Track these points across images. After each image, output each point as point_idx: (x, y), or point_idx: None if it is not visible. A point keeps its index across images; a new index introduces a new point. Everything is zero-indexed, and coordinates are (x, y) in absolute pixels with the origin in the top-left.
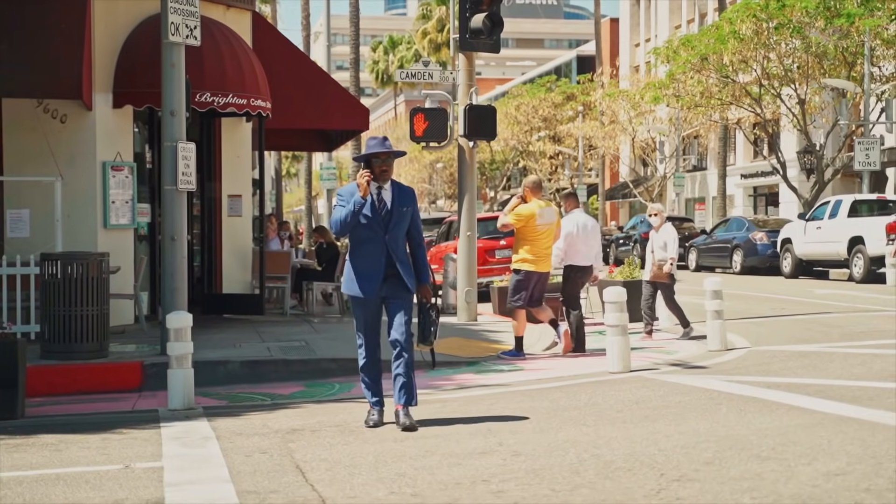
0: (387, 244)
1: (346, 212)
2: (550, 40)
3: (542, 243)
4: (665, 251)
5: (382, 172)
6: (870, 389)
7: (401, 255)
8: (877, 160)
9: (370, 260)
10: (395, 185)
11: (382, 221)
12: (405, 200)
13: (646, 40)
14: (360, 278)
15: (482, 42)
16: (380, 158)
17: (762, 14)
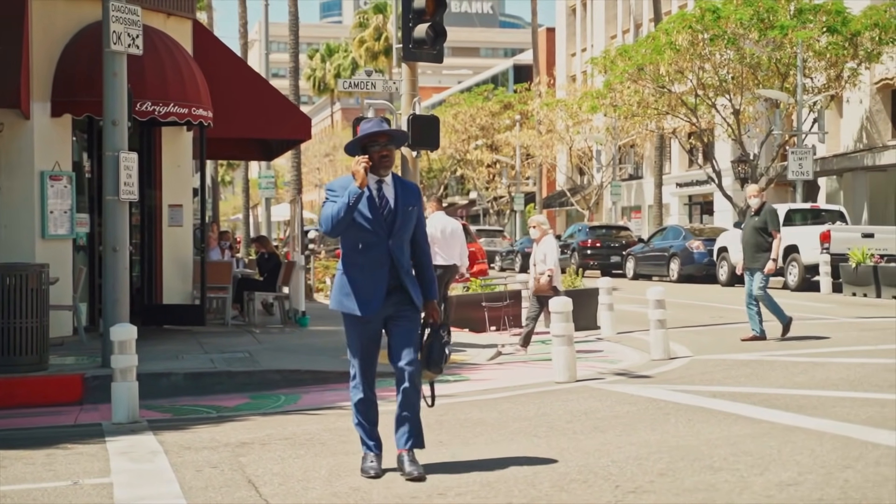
0: (391, 251)
1: (341, 205)
2: (486, 49)
3: None
4: (545, 263)
5: (383, 159)
6: (813, 398)
7: (406, 264)
8: (809, 170)
9: (370, 270)
10: (397, 180)
11: (385, 223)
12: (410, 198)
13: (582, 50)
14: (359, 292)
15: (425, 52)
16: (379, 143)
17: (697, 25)
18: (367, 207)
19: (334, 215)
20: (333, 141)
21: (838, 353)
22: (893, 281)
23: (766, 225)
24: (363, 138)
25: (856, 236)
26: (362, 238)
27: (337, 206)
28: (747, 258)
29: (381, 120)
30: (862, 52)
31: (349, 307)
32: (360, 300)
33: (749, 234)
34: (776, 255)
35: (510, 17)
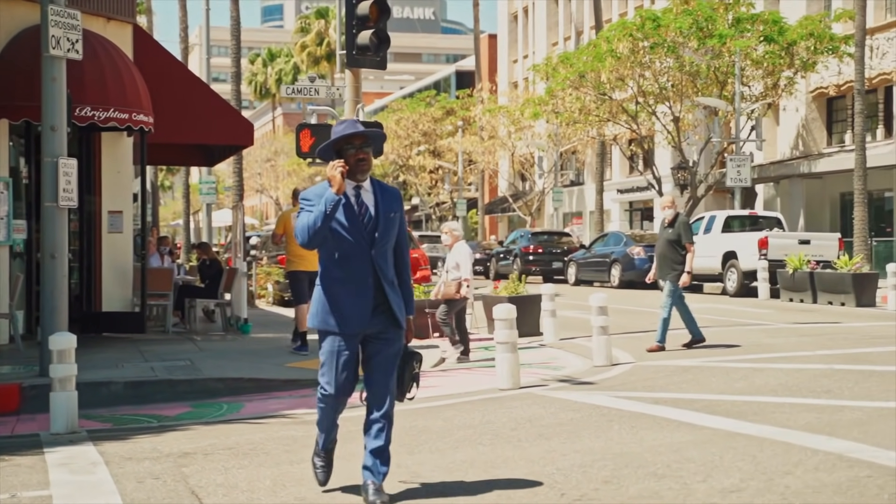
0: (373, 261)
1: (317, 214)
2: (428, 55)
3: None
4: (458, 271)
5: (360, 163)
6: (753, 404)
7: (391, 275)
8: (747, 177)
9: (353, 283)
10: (377, 185)
11: (366, 231)
12: (392, 203)
13: (524, 56)
14: (343, 307)
15: (369, 59)
16: (354, 144)
17: (638, 33)
18: (346, 215)
19: (310, 225)
20: (275, 146)
21: (776, 359)
22: (829, 287)
23: (680, 237)
24: (338, 141)
25: (793, 243)
26: (342, 249)
27: (313, 216)
28: (659, 269)
29: (355, 121)
30: (798, 61)
31: (332, 324)
32: (345, 316)
33: (662, 246)
34: (690, 269)
35: (452, 24)
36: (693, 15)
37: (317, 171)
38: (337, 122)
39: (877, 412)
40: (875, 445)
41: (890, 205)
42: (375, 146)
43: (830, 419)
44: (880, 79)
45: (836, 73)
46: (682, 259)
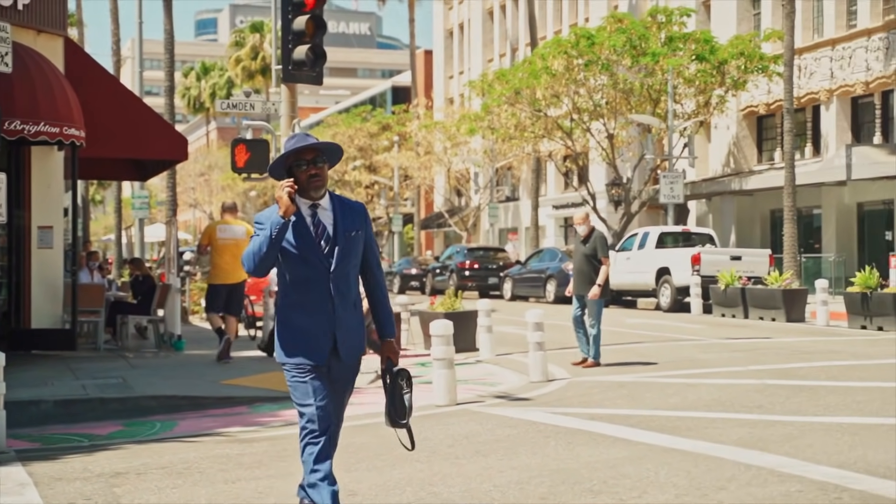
0: (333, 286)
1: (262, 239)
2: (364, 70)
3: (225, 256)
4: None
5: (312, 179)
6: (687, 419)
7: (353, 299)
8: (680, 193)
9: (314, 309)
10: (337, 201)
11: (323, 253)
12: (353, 221)
13: (459, 73)
14: (306, 337)
15: (305, 74)
16: (304, 160)
17: (573, 51)
18: (300, 237)
19: (255, 252)
20: (209, 160)
21: (709, 374)
22: (760, 302)
23: (596, 251)
24: (287, 157)
25: (725, 259)
26: (298, 273)
27: (258, 241)
28: (577, 285)
29: (305, 134)
30: (729, 79)
31: (299, 356)
32: (310, 346)
33: (579, 261)
34: (601, 281)
35: (388, 39)
36: (626, 33)
37: (252, 186)
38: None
39: (807, 426)
40: (806, 460)
41: (818, 222)
42: (331, 160)
43: (762, 434)
44: (808, 98)
45: (766, 91)
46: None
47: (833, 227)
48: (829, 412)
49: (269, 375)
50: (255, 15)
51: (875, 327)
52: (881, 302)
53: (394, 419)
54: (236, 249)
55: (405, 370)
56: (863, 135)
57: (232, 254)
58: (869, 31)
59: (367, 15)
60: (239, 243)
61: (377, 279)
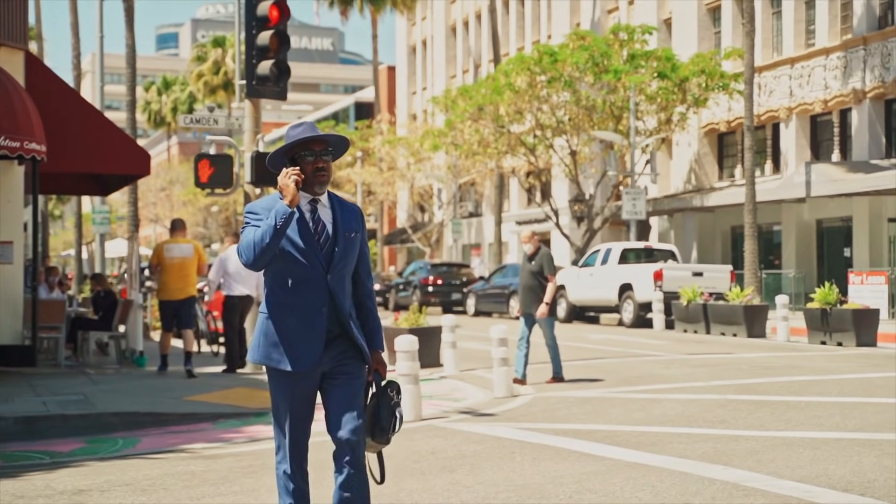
0: (329, 288)
1: (265, 229)
2: (326, 85)
3: (173, 274)
4: None
5: (318, 173)
6: (652, 434)
7: (349, 305)
8: (642, 210)
9: (305, 313)
10: (336, 200)
11: (322, 253)
12: (352, 222)
13: (423, 88)
14: (292, 341)
15: (269, 89)
16: (313, 151)
17: (536, 68)
18: (299, 233)
19: (257, 242)
20: (170, 175)
21: (673, 390)
22: (721, 318)
23: (542, 269)
24: (292, 147)
25: (687, 275)
26: (293, 273)
27: (260, 232)
28: (524, 303)
29: (313, 125)
30: (690, 97)
31: (278, 360)
32: (294, 351)
33: (526, 279)
34: (549, 299)
35: (350, 54)
36: (589, 50)
37: (213, 202)
38: (291, 125)
39: (769, 441)
40: (769, 474)
41: (778, 238)
42: (336, 154)
43: (726, 448)
44: (768, 116)
45: (727, 109)
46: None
47: (793, 244)
48: (791, 427)
49: (232, 391)
50: (217, 30)
51: (835, 343)
52: (840, 318)
53: (377, 434)
54: (183, 267)
55: (395, 382)
56: (821, 152)
57: (179, 271)
58: (827, 50)
59: (329, 30)
60: (186, 261)
61: (367, 288)
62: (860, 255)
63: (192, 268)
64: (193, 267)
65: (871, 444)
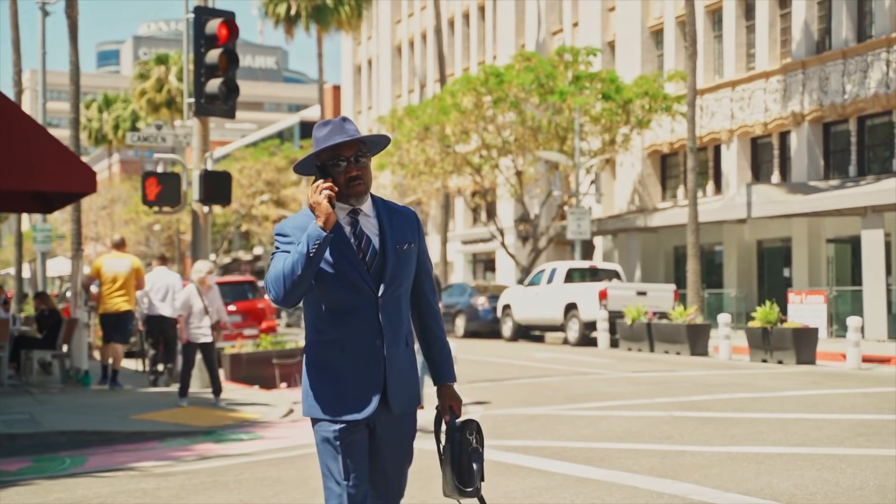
0: (383, 316)
1: (297, 258)
2: (270, 104)
3: (111, 289)
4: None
5: (352, 183)
6: (600, 450)
7: (405, 333)
8: (587, 230)
9: (354, 349)
10: (382, 206)
11: (369, 273)
12: (404, 230)
13: (368, 108)
14: (346, 385)
15: (218, 107)
16: (344, 157)
17: (482, 88)
18: (338, 253)
19: (286, 273)
20: (111, 193)
21: (619, 407)
22: (665, 337)
23: None
24: (321, 154)
25: (631, 294)
26: (337, 301)
27: (290, 261)
28: None
29: (343, 119)
30: (634, 118)
31: (334, 411)
32: (346, 397)
33: None
34: None
35: (294, 73)
36: (534, 72)
37: (156, 220)
38: (318, 124)
39: (715, 456)
40: (715, 488)
41: (720, 258)
42: (374, 152)
43: (673, 463)
44: (710, 137)
45: (670, 131)
46: None
47: (734, 264)
48: (736, 442)
49: (180, 410)
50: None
51: (775, 361)
52: (781, 336)
53: (459, 487)
54: (119, 281)
55: (474, 421)
56: (762, 174)
57: (116, 285)
58: (767, 73)
59: (273, 49)
60: (119, 276)
61: (432, 308)
62: (799, 275)
63: (130, 283)
64: (131, 282)
65: (813, 458)
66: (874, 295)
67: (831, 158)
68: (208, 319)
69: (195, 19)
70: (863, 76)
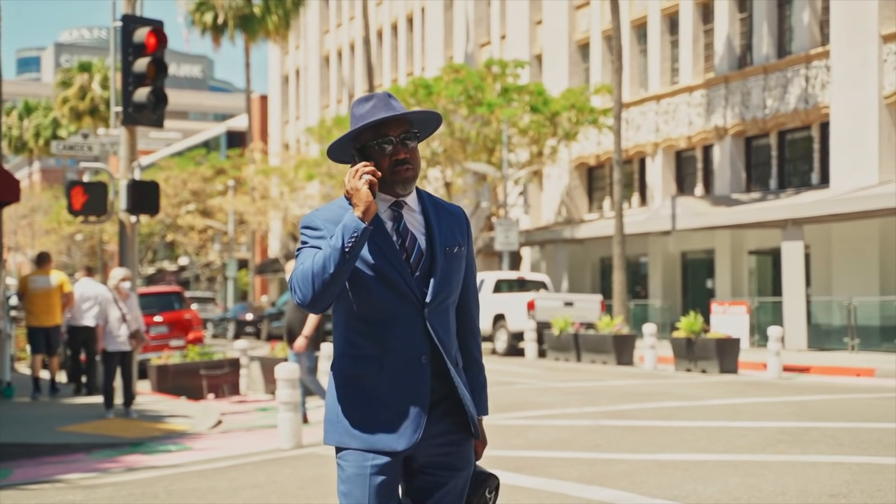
0: (430, 328)
1: (329, 253)
2: (196, 113)
3: (36, 302)
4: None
5: (399, 168)
6: (530, 458)
7: (454, 352)
8: (515, 241)
9: (395, 367)
10: (429, 201)
11: (415, 279)
12: (453, 230)
13: (296, 118)
14: (382, 411)
15: (146, 116)
16: (389, 137)
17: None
18: (378, 251)
19: (317, 271)
20: (32, 202)
21: (547, 416)
22: (592, 347)
23: None
24: (362, 133)
25: (559, 304)
26: (376, 309)
27: (322, 257)
28: (291, 340)
29: (387, 98)
30: (561, 131)
31: (367, 440)
32: (389, 424)
33: (291, 312)
34: (308, 333)
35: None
36: (463, 84)
37: (78, 230)
38: (357, 99)
39: (642, 463)
40: (643, 494)
41: (645, 269)
42: (424, 135)
43: (601, 471)
44: (636, 150)
45: (596, 143)
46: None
47: (659, 275)
48: (661, 450)
49: (106, 422)
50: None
51: (699, 370)
52: (704, 346)
53: None
54: (47, 297)
55: (495, 478)
56: (686, 186)
57: (43, 301)
58: (691, 88)
59: (199, 58)
60: (49, 291)
61: (474, 325)
62: (722, 286)
63: (56, 298)
64: (57, 297)
65: (737, 464)
66: (794, 306)
67: (753, 172)
68: (126, 328)
69: (123, 27)
70: (783, 91)
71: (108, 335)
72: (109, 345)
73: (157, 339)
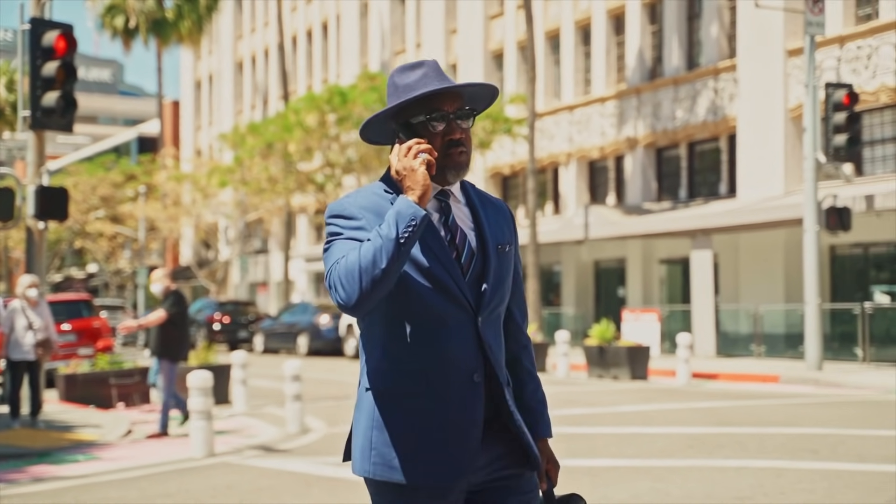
0: (483, 340)
1: (379, 245)
2: (105, 117)
3: None
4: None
5: (453, 149)
6: None
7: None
8: None
9: (444, 385)
10: (474, 193)
11: (467, 280)
12: (502, 227)
13: (209, 124)
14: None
15: (55, 121)
16: (443, 112)
17: (326, 107)
18: (426, 249)
19: (365, 267)
20: None
21: None
22: None
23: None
24: (409, 103)
25: None
26: (423, 317)
27: (370, 249)
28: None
29: (437, 67)
30: (475, 140)
31: (412, 470)
32: (430, 453)
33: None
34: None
35: (131, 87)
36: (378, 91)
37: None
38: (399, 67)
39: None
40: None
41: (558, 277)
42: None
43: None
44: (549, 160)
45: (511, 153)
46: (177, 335)
47: (572, 283)
48: (572, 455)
49: (12, 432)
50: None
51: (611, 377)
52: (616, 354)
53: None
54: None
55: (580, 498)
56: (598, 196)
57: None
58: (603, 98)
59: (108, 62)
60: None
61: (524, 335)
62: (634, 294)
63: None
64: None
65: (647, 470)
66: (703, 313)
67: (664, 182)
68: (32, 336)
69: (31, 30)
70: (692, 103)
71: (14, 344)
72: (15, 353)
73: (65, 347)
